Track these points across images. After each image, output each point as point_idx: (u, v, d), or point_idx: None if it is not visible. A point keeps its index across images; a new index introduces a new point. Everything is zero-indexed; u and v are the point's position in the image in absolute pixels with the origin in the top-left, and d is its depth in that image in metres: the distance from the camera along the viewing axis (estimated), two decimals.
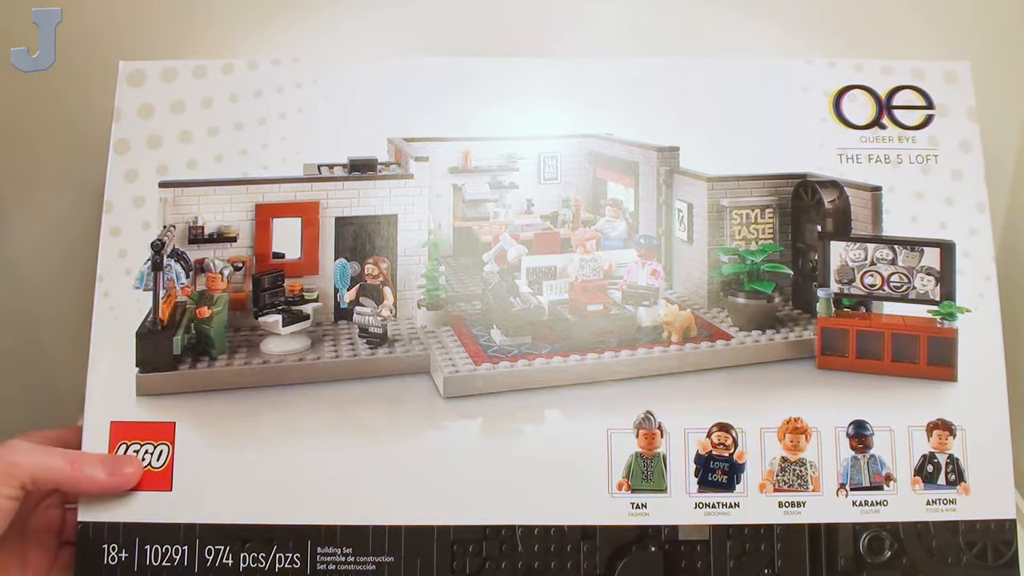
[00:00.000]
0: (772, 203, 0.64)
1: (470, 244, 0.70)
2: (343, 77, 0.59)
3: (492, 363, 0.58)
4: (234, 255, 0.60)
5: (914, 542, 0.53)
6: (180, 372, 0.56)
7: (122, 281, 0.55)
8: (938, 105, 0.59)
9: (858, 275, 0.60)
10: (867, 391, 0.56)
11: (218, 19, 0.69)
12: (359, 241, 0.62)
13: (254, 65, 0.58)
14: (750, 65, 0.60)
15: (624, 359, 0.58)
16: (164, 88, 0.57)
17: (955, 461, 0.54)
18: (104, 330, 0.54)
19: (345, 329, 0.62)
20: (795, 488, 0.53)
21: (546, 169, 0.66)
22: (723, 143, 0.60)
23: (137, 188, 0.56)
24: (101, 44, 0.66)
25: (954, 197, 0.58)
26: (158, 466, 0.52)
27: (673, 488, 0.53)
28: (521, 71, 0.60)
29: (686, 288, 0.66)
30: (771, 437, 0.54)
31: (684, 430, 0.54)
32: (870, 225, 0.59)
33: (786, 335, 0.62)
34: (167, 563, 0.51)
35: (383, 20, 0.69)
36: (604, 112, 0.60)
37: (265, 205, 0.60)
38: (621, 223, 0.66)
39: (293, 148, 0.58)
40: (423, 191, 0.64)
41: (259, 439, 0.53)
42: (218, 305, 0.58)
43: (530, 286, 0.63)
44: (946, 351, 0.56)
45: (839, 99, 0.59)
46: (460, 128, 0.60)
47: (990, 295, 0.56)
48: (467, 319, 0.62)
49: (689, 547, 0.53)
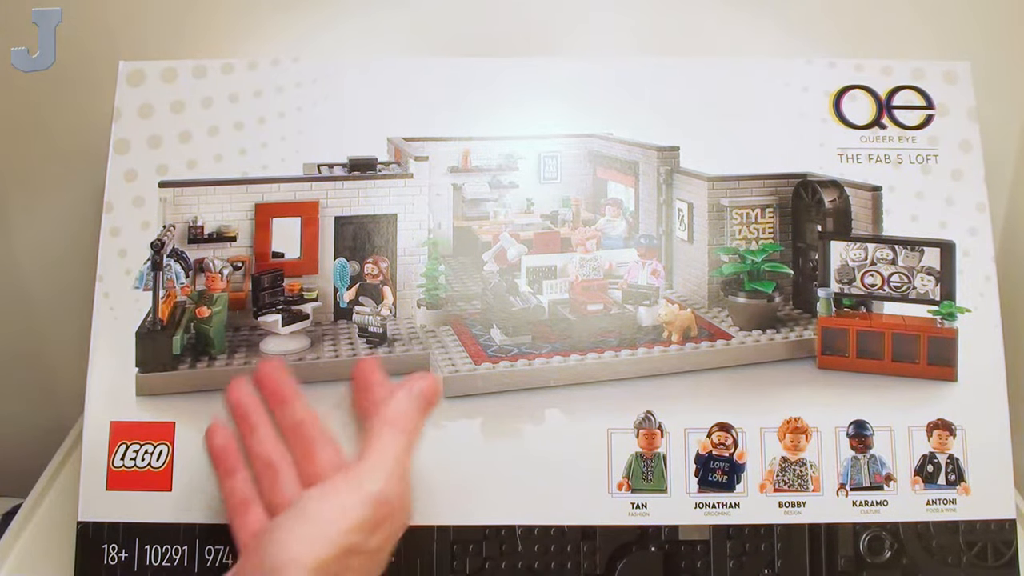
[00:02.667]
0: (772, 203, 0.64)
1: (470, 244, 0.70)
2: (343, 77, 0.59)
3: (492, 363, 0.58)
4: (234, 255, 0.60)
5: (914, 542, 0.53)
6: (180, 372, 0.56)
7: (122, 281, 0.55)
8: (938, 105, 0.59)
9: (858, 275, 0.60)
10: (867, 391, 0.56)
11: (218, 19, 0.69)
12: (359, 240, 0.62)
13: (254, 65, 0.58)
14: (750, 65, 0.60)
15: (624, 359, 0.58)
16: (164, 88, 0.57)
17: (955, 461, 0.54)
18: (104, 330, 0.54)
19: (345, 329, 0.62)
20: (795, 488, 0.53)
21: (546, 169, 0.66)
22: (723, 143, 0.60)
23: (137, 188, 0.56)
24: (101, 44, 0.66)
25: (954, 197, 0.58)
26: (158, 466, 0.52)
27: (673, 488, 0.53)
28: (521, 71, 0.60)
29: (686, 288, 0.66)
30: (771, 437, 0.54)
31: (684, 430, 0.54)
32: (870, 225, 0.59)
33: (786, 335, 0.62)
34: (167, 563, 0.51)
35: (383, 20, 0.69)
36: (604, 112, 0.60)
37: (265, 205, 0.60)
38: (621, 223, 0.66)
39: (293, 148, 0.58)
40: (423, 191, 0.64)
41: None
42: (217, 305, 0.58)
43: (530, 285, 0.63)
44: (946, 351, 0.56)
45: (839, 99, 0.59)
46: (460, 128, 0.60)
47: (990, 295, 0.56)
48: (467, 319, 0.62)
49: (689, 547, 0.53)
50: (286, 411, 0.50)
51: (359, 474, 0.45)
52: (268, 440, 0.49)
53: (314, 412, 0.50)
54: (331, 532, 0.42)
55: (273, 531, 0.43)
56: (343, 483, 0.45)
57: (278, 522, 0.44)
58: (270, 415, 0.50)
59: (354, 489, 0.44)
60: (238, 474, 0.49)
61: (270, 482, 0.48)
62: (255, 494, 0.48)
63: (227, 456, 0.50)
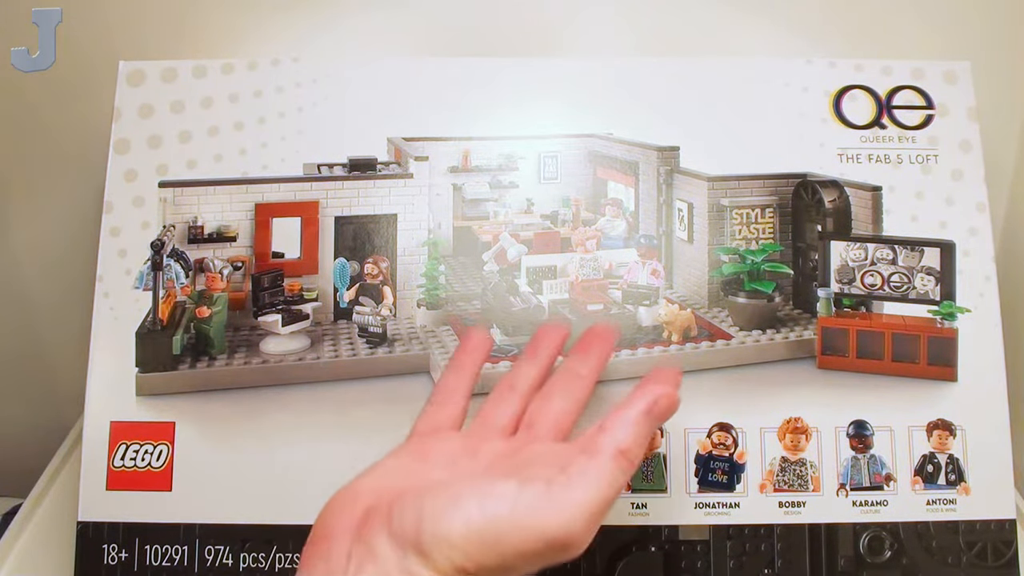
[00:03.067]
0: (772, 203, 0.64)
1: (470, 243, 0.70)
2: (343, 77, 0.59)
3: (492, 363, 0.58)
4: (233, 255, 0.60)
5: (914, 542, 0.53)
6: (180, 372, 0.56)
7: (122, 281, 0.55)
8: (938, 105, 0.59)
9: (858, 275, 0.60)
10: (867, 391, 0.56)
11: (218, 19, 0.69)
12: (359, 240, 0.62)
13: (254, 65, 0.58)
14: (750, 65, 0.60)
15: (624, 359, 0.58)
16: (164, 88, 0.57)
17: (955, 461, 0.54)
18: (104, 330, 0.54)
19: (345, 329, 0.62)
20: (795, 488, 0.53)
21: (546, 169, 0.66)
22: (723, 143, 0.60)
23: (137, 188, 0.56)
24: (101, 44, 0.66)
25: (954, 197, 0.58)
26: (158, 466, 0.52)
27: (673, 488, 0.53)
28: (521, 71, 0.60)
29: (686, 288, 0.66)
30: (771, 437, 0.54)
31: (684, 430, 0.54)
32: (870, 225, 0.59)
33: (786, 335, 0.62)
34: (167, 563, 0.51)
35: (383, 20, 0.69)
36: (604, 112, 0.60)
37: (265, 205, 0.60)
38: (621, 223, 0.66)
39: (293, 148, 0.58)
40: (423, 191, 0.64)
41: (259, 439, 0.53)
42: (217, 305, 0.58)
43: (530, 285, 0.63)
44: (946, 351, 0.56)
45: (839, 99, 0.59)
46: (460, 128, 0.60)
47: (990, 295, 0.56)
48: (467, 319, 0.62)
49: (689, 547, 0.53)
50: (576, 361, 0.47)
51: (565, 500, 0.38)
52: (532, 374, 0.47)
53: (594, 381, 0.47)
54: (498, 545, 0.37)
55: (453, 496, 0.38)
56: (546, 500, 0.38)
57: (463, 491, 0.38)
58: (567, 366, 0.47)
59: (551, 516, 0.37)
60: (465, 373, 0.47)
61: (498, 399, 0.46)
62: (466, 398, 0.46)
63: (470, 354, 0.48)
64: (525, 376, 0.47)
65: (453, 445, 0.43)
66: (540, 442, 0.43)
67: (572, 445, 0.42)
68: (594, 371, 0.47)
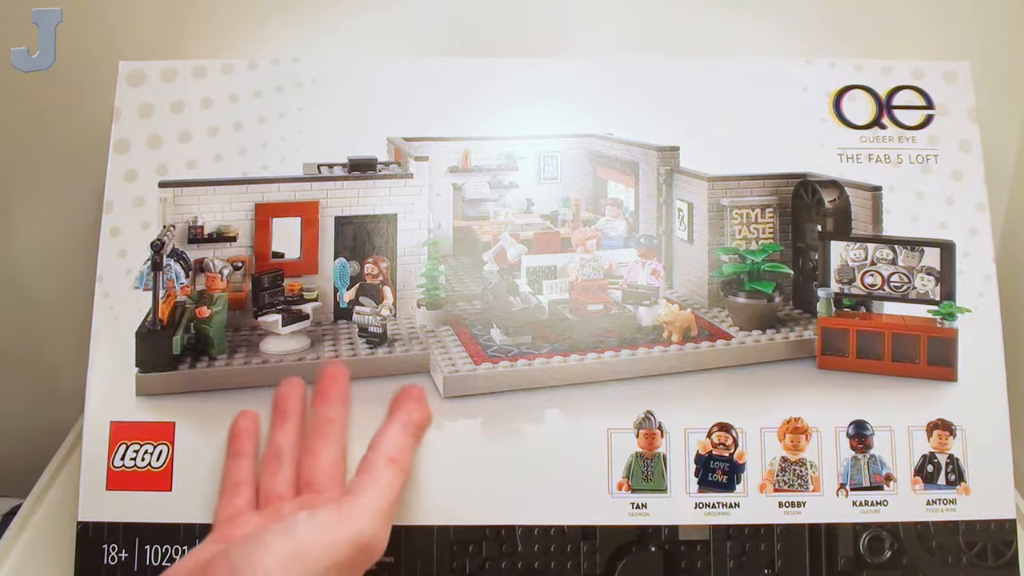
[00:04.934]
0: (772, 203, 0.64)
1: (470, 243, 0.70)
2: (343, 77, 0.59)
3: (492, 363, 0.58)
4: (233, 255, 0.60)
5: (914, 542, 0.53)
6: (180, 372, 0.56)
7: (122, 281, 0.55)
8: (938, 105, 0.59)
9: (858, 275, 0.60)
10: (867, 391, 0.56)
11: (218, 19, 0.69)
12: (359, 241, 0.62)
13: (254, 65, 0.58)
14: (750, 65, 0.60)
15: (624, 359, 0.58)
16: (164, 88, 0.57)
17: (955, 461, 0.54)
18: (104, 330, 0.54)
19: (345, 329, 0.62)
20: (795, 488, 0.53)
21: (546, 169, 0.66)
22: (723, 143, 0.60)
23: (137, 188, 0.56)
24: (101, 44, 0.66)
25: (954, 197, 0.58)
26: (158, 466, 0.52)
27: (673, 488, 0.53)
28: (521, 71, 0.60)
29: (686, 288, 0.66)
30: (771, 437, 0.54)
31: (684, 430, 0.54)
32: (870, 225, 0.59)
33: (786, 335, 0.62)
34: (167, 563, 0.51)
35: (383, 20, 0.69)
36: (604, 112, 0.60)
37: (265, 205, 0.60)
38: (621, 223, 0.66)
39: (293, 148, 0.58)
40: (423, 191, 0.64)
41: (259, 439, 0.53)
42: (217, 305, 0.58)
43: (530, 285, 0.63)
44: (946, 351, 0.56)
45: (839, 99, 0.59)
46: (460, 128, 0.60)
47: (990, 295, 0.56)
48: (467, 319, 0.62)
49: (689, 547, 0.53)
50: (323, 407, 0.51)
51: (354, 510, 0.45)
52: (290, 434, 0.50)
53: (346, 421, 0.51)
54: (311, 564, 0.42)
55: (256, 540, 0.43)
56: (336, 515, 0.44)
57: (263, 534, 0.43)
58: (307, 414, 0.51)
59: (346, 526, 0.44)
60: (244, 459, 0.50)
61: (271, 471, 0.49)
62: (252, 481, 0.49)
63: (244, 439, 0.51)
64: (286, 438, 0.50)
65: (254, 521, 0.47)
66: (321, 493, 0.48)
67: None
68: (342, 412, 0.51)
